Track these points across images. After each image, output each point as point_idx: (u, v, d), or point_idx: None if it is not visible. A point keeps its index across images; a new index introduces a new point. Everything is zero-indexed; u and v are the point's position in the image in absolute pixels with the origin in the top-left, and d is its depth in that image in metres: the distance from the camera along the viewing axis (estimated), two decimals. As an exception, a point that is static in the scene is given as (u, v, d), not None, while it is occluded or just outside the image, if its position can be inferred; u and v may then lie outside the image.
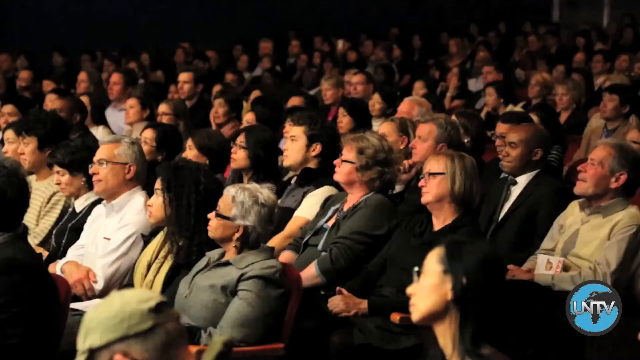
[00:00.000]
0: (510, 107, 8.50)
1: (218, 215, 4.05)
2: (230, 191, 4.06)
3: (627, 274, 4.24)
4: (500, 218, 5.10)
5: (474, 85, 11.42)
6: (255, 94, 9.07)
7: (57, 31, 14.29)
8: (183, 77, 9.08)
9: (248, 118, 7.02)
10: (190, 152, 5.81)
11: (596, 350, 4.32)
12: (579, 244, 4.47)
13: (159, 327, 2.20)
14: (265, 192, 4.07)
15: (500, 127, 6.13)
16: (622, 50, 11.90)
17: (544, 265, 4.48)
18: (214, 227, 4.06)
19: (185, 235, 4.26)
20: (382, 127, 6.04)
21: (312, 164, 5.31)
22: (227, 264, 4.01)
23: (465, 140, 6.01)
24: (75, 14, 14.85)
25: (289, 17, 15.79)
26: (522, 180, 5.14)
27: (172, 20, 15.24)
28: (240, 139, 5.55)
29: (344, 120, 7.17)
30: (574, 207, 4.64)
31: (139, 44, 13.74)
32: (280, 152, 6.19)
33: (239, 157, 5.52)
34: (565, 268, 4.43)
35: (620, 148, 4.52)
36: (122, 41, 13.97)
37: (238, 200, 4.01)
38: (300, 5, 16.00)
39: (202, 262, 4.12)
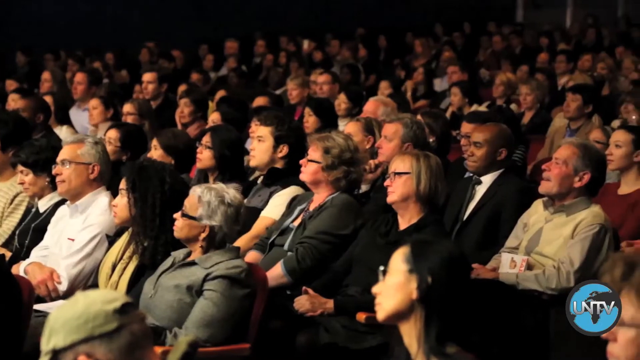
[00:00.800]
0: (475, 107, 8.56)
1: (184, 215, 4.03)
2: (196, 191, 4.05)
3: (590, 273, 4.28)
4: (465, 217, 5.13)
5: (439, 85, 11.48)
6: (221, 93, 9.05)
7: (21, 31, 14.16)
8: (147, 77, 9.04)
9: (214, 118, 7.00)
10: (156, 152, 5.79)
11: (561, 348, 4.36)
12: (543, 242, 4.51)
13: (123, 328, 2.19)
14: (231, 192, 4.06)
15: (465, 127, 6.17)
16: (584, 51, 12.04)
17: (508, 264, 4.51)
18: (180, 227, 4.04)
19: (151, 236, 4.24)
20: (348, 126, 6.05)
21: (278, 164, 5.31)
22: (193, 263, 4.00)
23: (431, 140, 6.04)
24: (39, 14, 14.72)
25: (255, 16, 15.77)
26: (487, 179, 5.17)
27: (137, 20, 15.17)
28: (206, 139, 5.54)
29: (310, 120, 7.17)
30: (537, 205, 4.67)
31: (104, 43, 13.65)
32: (247, 152, 6.18)
33: (204, 157, 5.51)
34: (529, 266, 4.46)
35: (584, 148, 4.57)
36: (87, 41, 13.87)
37: (204, 200, 4.00)
38: (266, 5, 15.99)
39: (168, 262, 4.10)
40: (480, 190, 5.17)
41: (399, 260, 2.64)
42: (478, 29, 15.52)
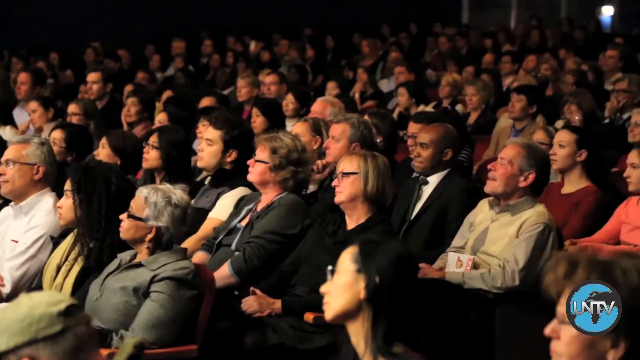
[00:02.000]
0: (421, 107, 8.61)
1: (130, 216, 4.00)
2: (143, 192, 4.02)
3: (534, 272, 4.33)
4: (412, 217, 5.16)
5: (386, 85, 11.53)
6: (168, 93, 9.00)
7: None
8: (91, 77, 8.96)
9: (160, 118, 6.96)
10: (103, 151, 5.76)
11: (506, 346, 4.41)
12: (489, 241, 4.55)
13: (68, 330, 2.16)
14: (178, 192, 4.04)
15: (412, 127, 6.21)
16: (529, 52, 12.18)
17: (454, 263, 4.55)
18: (126, 228, 4.01)
19: (96, 237, 4.20)
20: (295, 127, 6.06)
21: (227, 166, 5.29)
22: (139, 265, 3.97)
23: (378, 140, 6.06)
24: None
25: (202, 16, 15.70)
26: (433, 179, 5.21)
27: (82, 19, 15.00)
28: (153, 139, 5.50)
29: (258, 120, 7.16)
30: (483, 205, 4.72)
31: (49, 43, 13.48)
32: (194, 153, 6.15)
33: (151, 157, 5.48)
34: (476, 266, 4.50)
35: (529, 148, 4.62)
36: (32, 40, 13.69)
37: (151, 201, 3.98)
38: (212, 5, 15.92)
39: (114, 264, 4.06)
40: (426, 191, 5.20)
41: (347, 260, 2.64)
42: (424, 30, 15.63)
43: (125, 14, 15.32)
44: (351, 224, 4.38)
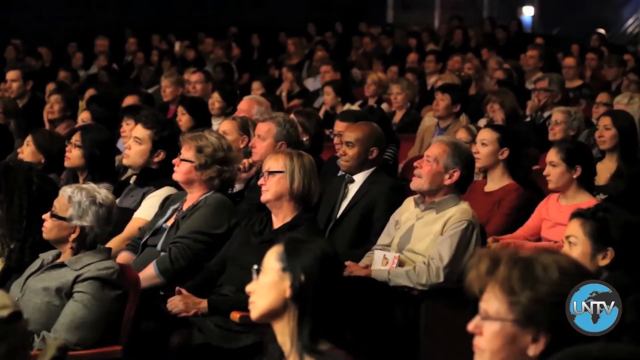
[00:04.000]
0: (347, 106, 8.65)
1: (53, 215, 3.94)
2: (66, 191, 3.97)
3: (458, 268, 4.38)
4: (338, 215, 5.18)
5: (311, 84, 11.55)
6: (91, 92, 8.88)
7: None
8: (10, 75, 8.82)
9: (83, 117, 6.87)
10: (27, 149, 5.68)
11: (430, 342, 4.46)
12: (414, 239, 4.59)
13: (3, 340, 2.12)
14: (103, 192, 3.99)
15: (338, 126, 6.24)
16: (452, 51, 12.33)
17: (380, 261, 4.58)
18: (49, 228, 3.96)
19: (17, 238, 4.14)
20: (222, 125, 6.03)
21: (153, 165, 5.24)
22: (62, 265, 3.91)
23: (304, 139, 6.08)
24: None
25: (126, 14, 15.52)
26: (359, 178, 5.24)
27: (2, 17, 14.69)
28: (76, 138, 5.43)
29: (183, 119, 7.11)
30: (409, 203, 4.76)
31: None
32: (118, 152, 6.08)
33: (73, 156, 5.40)
34: (401, 263, 4.54)
35: (454, 146, 4.68)
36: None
37: (75, 201, 3.93)
38: (137, 2, 15.75)
39: (36, 264, 4.00)
40: (352, 189, 5.23)
41: (272, 259, 2.64)
42: (350, 29, 15.70)
43: (46, 10, 15.06)
44: (277, 222, 4.38)
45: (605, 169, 5.84)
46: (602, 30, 15.11)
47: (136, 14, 15.52)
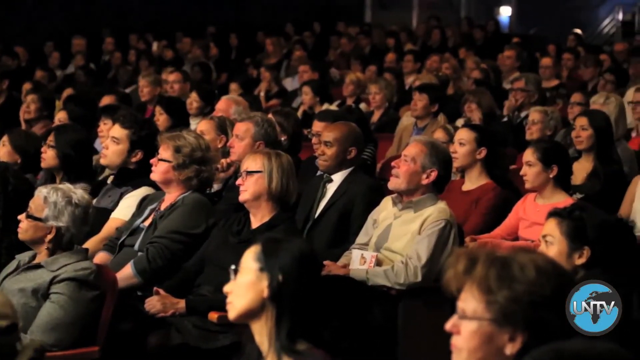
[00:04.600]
0: (325, 106, 8.66)
1: (29, 216, 3.92)
2: (42, 191, 3.95)
3: (436, 267, 4.40)
4: (316, 215, 5.19)
5: (290, 84, 11.55)
6: (68, 92, 8.83)
7: None
8: (-14, 74, 8.75)
9: (60, 117, 6.83)
10: (3, 149, 5.66)
11: (408, 341, 4.47)
12: (392, 238, 4.60)
13: None
14: (79, 192, 3.98)
15: (316, 126, 6.24)
16: (430, 51, 12.37)
17: (358, 260, 4.58)
18: (25, 228, 3.94)
19: (-7, 238, 4.11)
20: (200, 125, 6.02)
21: (130, 165, 5.22)
22: (39, 266, 3.89)
23: (282, 139, 6.07)
24: None
25: (103, 13, 15.45)
26: (337, 177, 5.24)
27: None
28: (50, 138, 5.41)
29: (161, 119, 7.09)
30: (387, 202, 4.77)
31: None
32: (95, 152, 6.05)
33: (48, 156, 5.38)
34: (379, 262, 4.55)
35: (432, 146, 4.69)
36: None
37: (51, 201, 3.91)
38: (115, 2, 15.68)
39: (12, 266, 3.98)
40: (331, 188, 5.23)
41: (250, 259, 2.64)
42: (328, 29, 15.71)
43: (24, 10, 14.96)
44: (255, 222, 4.38)
45: (581, 169, 5.87)
46: (578, 31, 15.20)
47: (113, 14, 15.45)
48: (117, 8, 15.60)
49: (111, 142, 5.24)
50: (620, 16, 18.17)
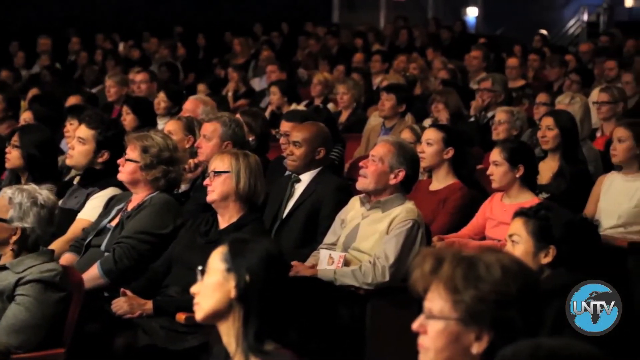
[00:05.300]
0: (293, 106, 8.66)
1: (-6, 218, 3.88)
2: (7, 192, 3.92)
3: (404, 267, 4.41)
4: (284, 215, 5.18)
5: (258, 84, 11.54)
6: (34, 92, 8.76)
7: None
8: (-49, 75, 8.66)
9: (26, 117, 6.77)
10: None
11: (376, 341, 4.48)
12: (360, 238, 4.61)
13: None
14: (44, 192, 3.94)
15: (284, 126, 6.23)
16: (398, 51, 12.40)
17: (326, 261, 4.59)
18: (-10, 230, 3.89)
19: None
20: (168, 125, 6.00)
21: (97, 166, 5.19)
22: (4, 268, 3.86)
23: (250, 139, 6.06)
24: None
25: (69, 13, 15.34)
26: (306, 177, 5.24)
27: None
28: (15, 138, 5.37)
29: (128, 119, 7.05)
30: (355, 202, 4.78)
31: None
32: (61, 152, 6.01)
33: (12, 156, 5.35)
34: (347, 262, 4.55)
35: (399, 146, 4.71)
36: None
37: (16, 202, 3.88)
38: (81, 1, 15.57)
39: (-23, 268, 3.93)
40: (299, 188, 5.23)
41: (217, 259, 2.63)
42: (296, 29, 15.71)
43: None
44: (223, 223, 4.37)
45: (547, 168, 5.92)
46: (544, 32, 15.33)
47: (79, 13, 15.34)
48: (84, 7, 15.49)
49: (77, 143, 5.20)
50: (585, 17, 18.35)
